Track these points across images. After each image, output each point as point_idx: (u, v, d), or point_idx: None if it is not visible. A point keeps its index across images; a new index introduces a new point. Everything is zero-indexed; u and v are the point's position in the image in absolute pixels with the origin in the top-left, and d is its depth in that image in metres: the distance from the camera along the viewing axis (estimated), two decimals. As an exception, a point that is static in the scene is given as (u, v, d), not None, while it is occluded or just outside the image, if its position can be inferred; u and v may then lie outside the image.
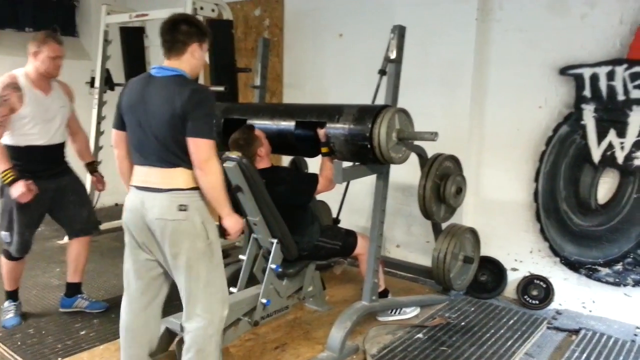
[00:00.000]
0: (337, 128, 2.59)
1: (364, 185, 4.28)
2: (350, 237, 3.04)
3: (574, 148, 3.32)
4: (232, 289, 2.93)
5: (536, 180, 3.48)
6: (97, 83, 4.84)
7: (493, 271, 3.64)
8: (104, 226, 5.07)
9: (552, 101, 3.35)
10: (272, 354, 2.71)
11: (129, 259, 2.24)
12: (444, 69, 3.68)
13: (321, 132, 2.73)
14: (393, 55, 2.66)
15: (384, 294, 3.08)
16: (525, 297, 3.49)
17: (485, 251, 3.64)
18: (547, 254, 3.50)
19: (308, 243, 2.92)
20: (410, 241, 4.11)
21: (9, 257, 3.03)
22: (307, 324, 3.03)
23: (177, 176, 2.07)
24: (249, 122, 3.04)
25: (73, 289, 3.29)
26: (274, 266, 2.74)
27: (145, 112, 2.06)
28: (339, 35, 4.34)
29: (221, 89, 3.91)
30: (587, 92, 3.23)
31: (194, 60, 2.13)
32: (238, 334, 2.68)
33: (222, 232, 2.20)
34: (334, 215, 4.02)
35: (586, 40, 3.17)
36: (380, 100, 3.96)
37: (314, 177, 2.75)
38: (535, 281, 3.49)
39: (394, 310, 3.08)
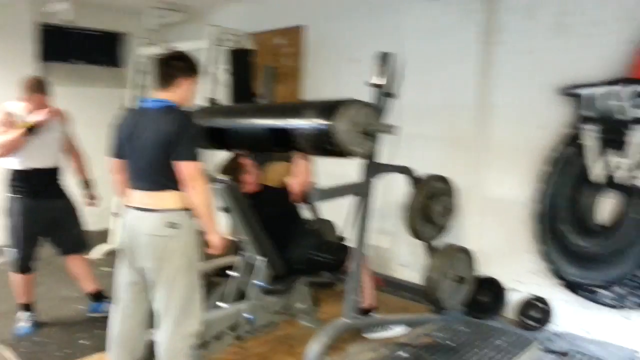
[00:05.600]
0: (301, 123, 2.55)
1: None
2: (342, 252, 3.09)
3: (575, 168, 3.26)
4: (222, 304, 3.07)
5: (537, 200, 3.44)
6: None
7: (493, 291, 3.59)
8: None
9: (553, 121, 3.32)
10: (252, 367, 2.80)
11: (121, 271, 2.42)
12: (448, 92, 3.72)
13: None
14: (377, 81, 2.73)
15: (370, 311, 3.11)
16: (524, 318, 3.42)
17: (486, 271, 3.62)
18: (547, 275, 3.43)
19: (300, 256, 3.01)
20: (415, 261, 4.11)
21: (16, 271, 3.30)
22: (294, 339, 3.10)
23: (168, 198, 2.26)
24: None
25: (96, 296, 3.54)
26: (257, 282, 2.85)
27: (138, 141, 2.26)
28: (356, 61, 4.45)
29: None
30: (586, 112, 3.18)
31: (182, 92, 2.32)
32: (222, 347, 2.78)
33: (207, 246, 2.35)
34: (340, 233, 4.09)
35: (589, 60, 3.14)
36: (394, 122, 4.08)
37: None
38: (534, 302, 3.43)
39: (380, 327, 3.10)
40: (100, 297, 3.53)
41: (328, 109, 2.47)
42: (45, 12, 5.43)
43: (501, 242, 3.64)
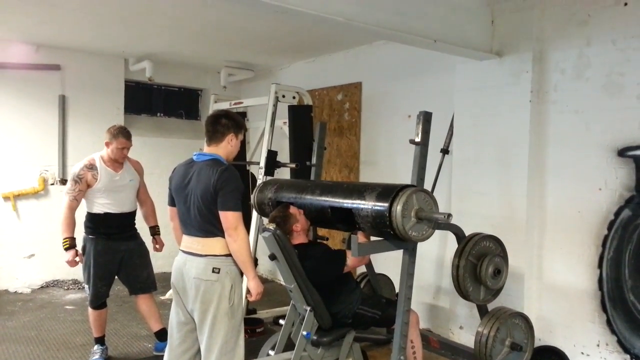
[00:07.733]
0: (362, 204, 2.73)
1: (430, 261, 4.32)
2: (390, 308, 3.06)
3: (638, 233, 3.09)
4: (271, 352, 3.17)
5: (600, 266, 3.26)
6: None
7: (556, 363, 3.39)
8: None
9: (612, 183, 3.19)
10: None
11: (173, 312, 2.63)
12: (500, 150, 3.70)
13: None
14: (418, 139, 2.82)
15: (419, 372, 3.06)
16: (592, 395, 3.18)
17: (549, 340, 3.45)
18: (615, 348, 3.19)
19: (349, 310, 3.05)
20: (474, 323, 3.97)
21: (89, 306, 3.59)
22: (341, 394, 3.10)
23: (214, 244, 2.46)
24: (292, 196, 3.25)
25: (162, 335, 3.71)
26: (304, 333, 2.92)
27: (188, 191, 2.51)
28: (408, 117, 4.58)
29: (292, 165, 4.37)
30: (647, 174, 3.04)
31: (229, 147, 2.56)
32: (270, 395, 2.87)
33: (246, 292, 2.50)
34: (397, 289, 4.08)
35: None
36: (443, 176, 4.10)
37: (341, 255, 2.94)
38: (603, 379, 3.18)
39: (429, 391, 3.02)
40: (165, 336, 3.74)
41: (387, 193, 2.63)
42: (132, 71, 6.19)
43: (563, 309, 3.46)
